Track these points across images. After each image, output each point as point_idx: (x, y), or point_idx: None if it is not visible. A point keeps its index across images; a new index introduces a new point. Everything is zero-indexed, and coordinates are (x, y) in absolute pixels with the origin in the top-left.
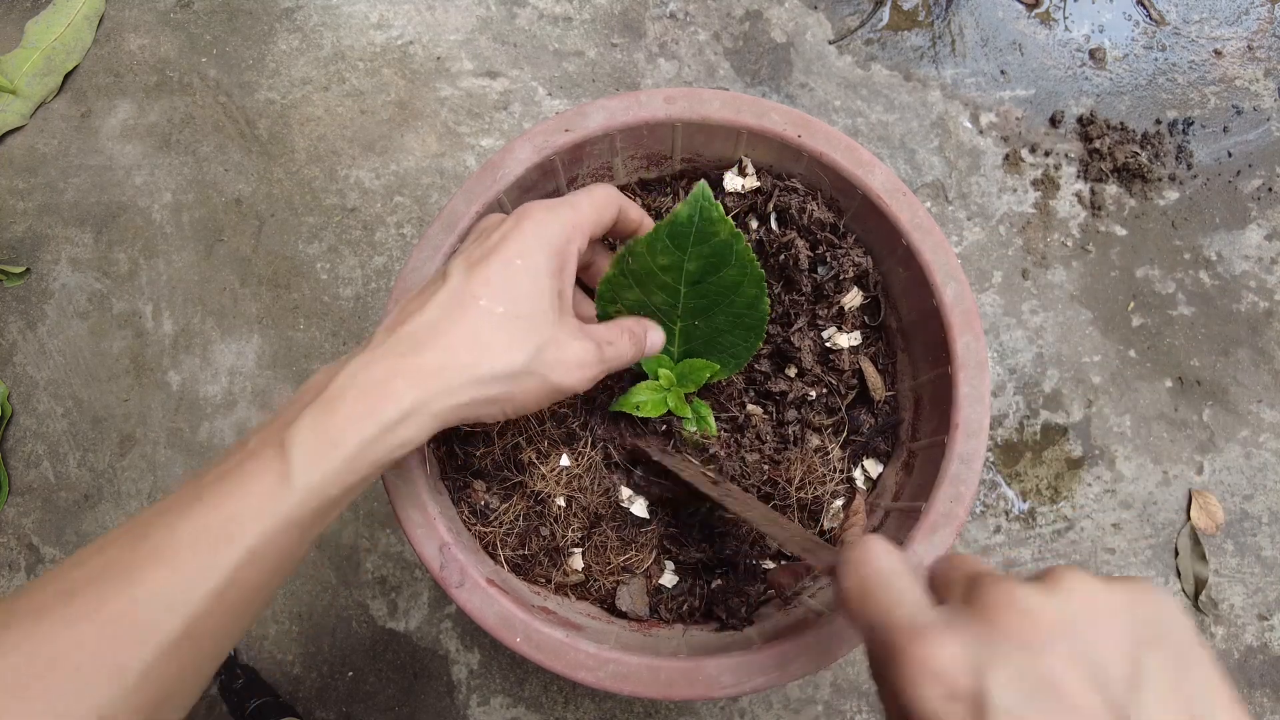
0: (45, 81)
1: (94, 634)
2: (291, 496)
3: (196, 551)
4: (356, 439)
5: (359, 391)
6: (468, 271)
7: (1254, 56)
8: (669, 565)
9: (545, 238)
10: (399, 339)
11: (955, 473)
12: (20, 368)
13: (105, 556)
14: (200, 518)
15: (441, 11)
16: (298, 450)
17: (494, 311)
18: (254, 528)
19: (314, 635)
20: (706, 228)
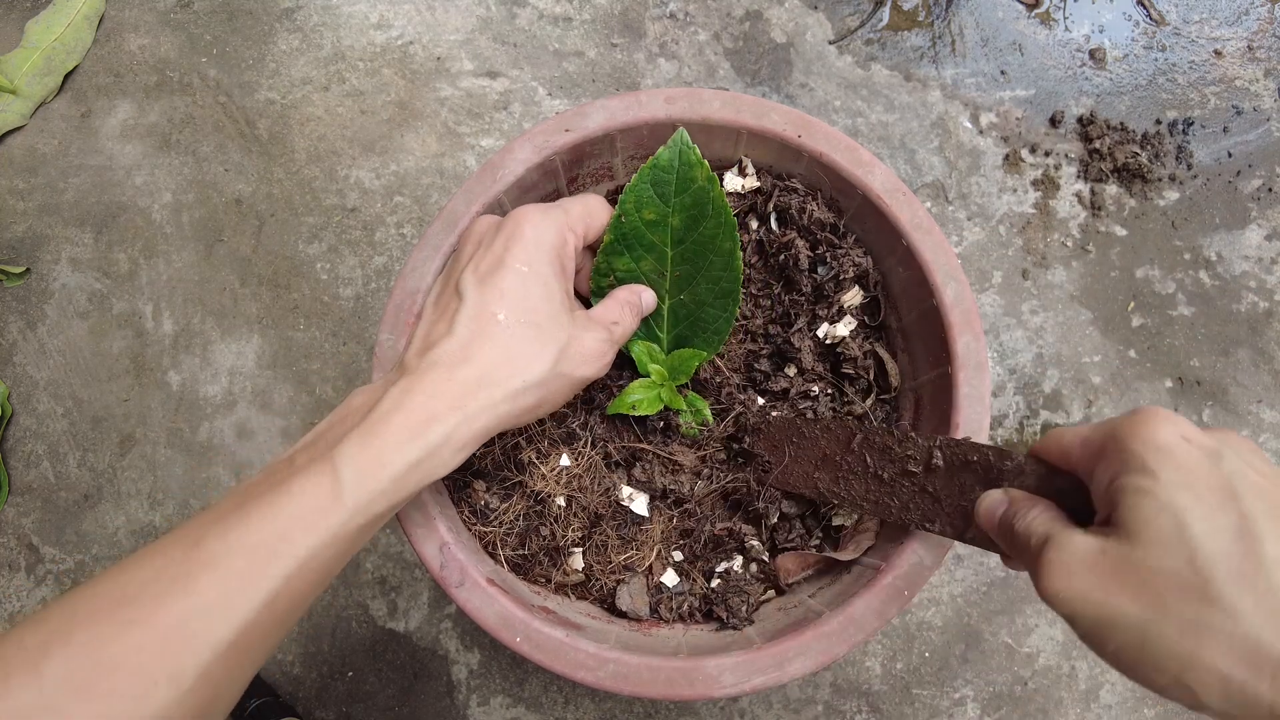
0: (45, 81)
1: (153, 639)
2: (341, 513)
3: (250, 562)
4: (403, 460)
5: (404, 415)
6: (480, 286)
7: (1254, 57)
8: (669, 564)
9: (545, 242)
10: (433, 363)
11: None
12: (20, 367)
13: (159, 563)
14: (253, 529)
15: (441, 11)
16: (347, 469)
17: (515, 323)
18: (304, 541)
19: (314, 635)
20: (686, 173)
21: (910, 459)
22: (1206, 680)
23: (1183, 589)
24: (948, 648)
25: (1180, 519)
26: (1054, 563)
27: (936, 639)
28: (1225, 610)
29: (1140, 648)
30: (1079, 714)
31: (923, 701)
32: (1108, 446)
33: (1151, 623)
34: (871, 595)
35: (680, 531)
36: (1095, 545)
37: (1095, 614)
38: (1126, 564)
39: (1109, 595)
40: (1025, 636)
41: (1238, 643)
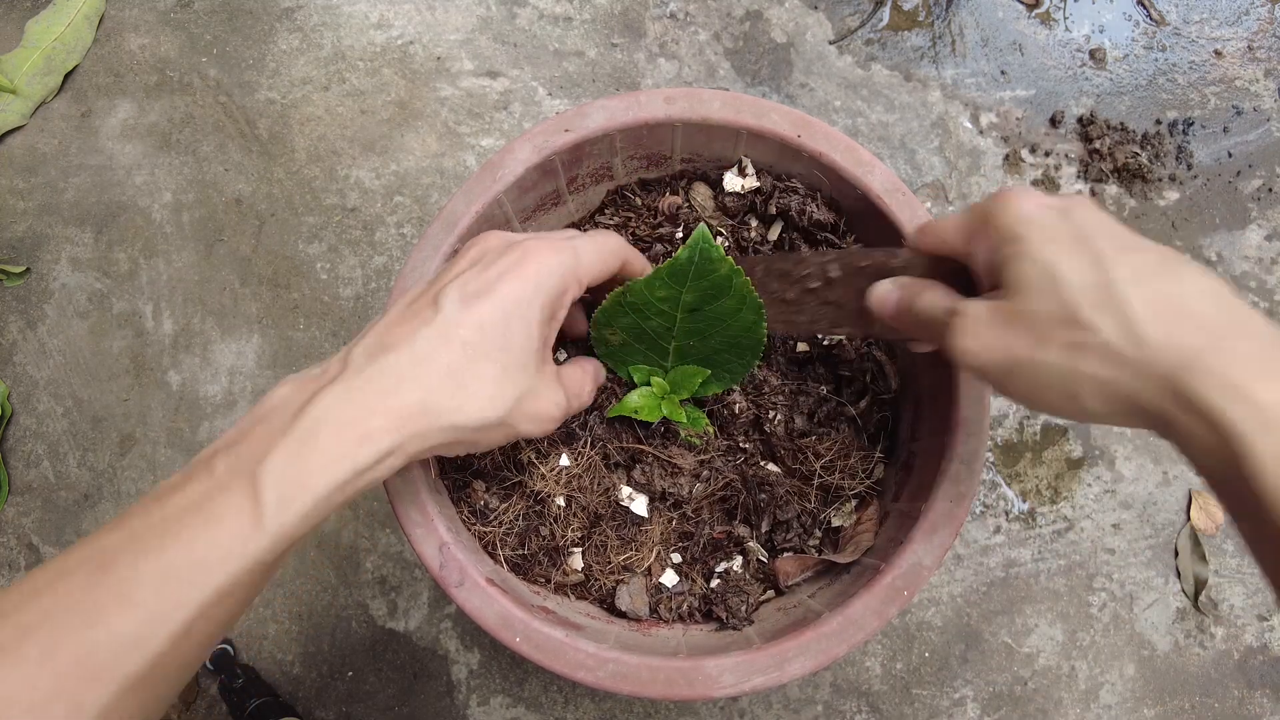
0: (45, 81)
1: (50, 675)
2: (262, 540)
3: (161, 593)
4: (329, 481)
5: (335, 428)
6: (462, 306)
7: (1254, 57)
8: (669, 565)
9: (545, 284)
10: (381, 370)
11: (955, 473)
12: (20, 367)
13: (62, 588)
14: (166, 556)
15: (442, 11)
16: (270, 491)
17: (482, 358)
18: (222, 569)
19: (314, 635)
20: (706, 266)
21: (809, 276)
22: (1086, 388)
23: (1059, 321)
24: (947, 648)
25: (1049, 268)
26: (961, 328)
27: (936, 639)
28: (1090, 328)
29: (1036, 377)
30: (1079, 714)
31: (922, 701)
32: (977, 224)
33: (1041, 354)
34: (871, 595)
35: (679, 534)
36: (990, 307)
37: (999, 360)
38: (1016, 315)
39: (1008, 345)
40: (1025, 636)
41: (1101, 351)
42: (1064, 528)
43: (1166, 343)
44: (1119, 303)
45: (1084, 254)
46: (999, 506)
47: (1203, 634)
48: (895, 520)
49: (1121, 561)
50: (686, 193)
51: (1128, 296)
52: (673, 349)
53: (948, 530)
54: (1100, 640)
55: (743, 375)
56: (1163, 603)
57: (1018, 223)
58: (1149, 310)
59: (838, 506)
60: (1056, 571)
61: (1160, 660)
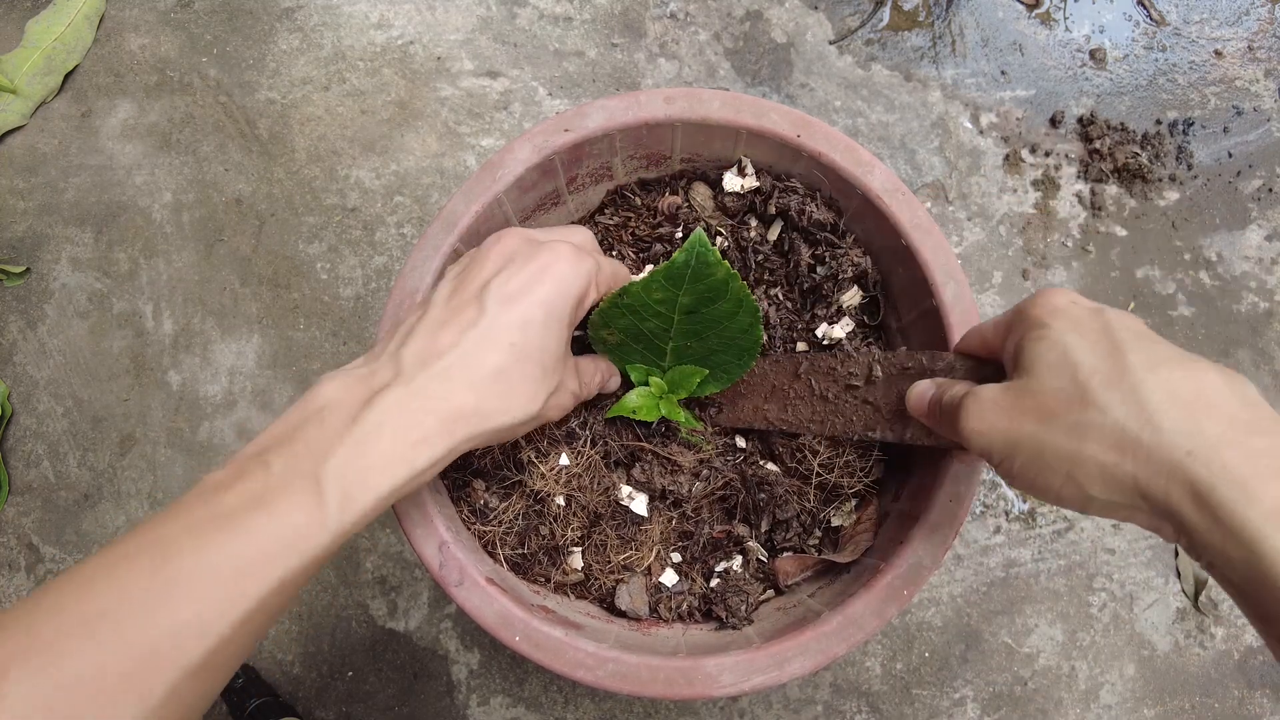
0: (46, 81)
1: (120, 660)
2: (325, 536)
3: (226, 584)
4: (390, 484)
5: (394, 431)
6: (505, 306)
7: (1254, 57)
8: (668, 564)
9: (573, 285)
10: (434, 376)
11: (955, 473)
12: (20, 367)
13: (125, 576)
14: (231, 548)
15: (442, 11)
16: (333, 491)
17: (526, 359)
18: (285, 562)
19: (314, 635)
20: (702, 270)
21: (852, 375)
22: (1089, 471)
23: (1068, 401)
24: (947, 648)
25: (1065, 350)
26: (969, 409)
27: (936, 639)
28: (1099, 409)
29: (1038, 457)
30: (1079, 714)
31: (923, 702)
32: (1014, 320)
33: (1046, 433)
34: (871, 595)
35: (679, 534)
36: (1002, 389)
37: (1004, 441)
38: (1026, 394)
39: (1013, 423)
40: (1025, 637)
41: (1109, 433)
42: (1064, 528)
43: (1181, 430)
44: (1133, 384)
45: (1103, 341)
46: (999, 506)
47: (1203, 634)
48: (895, 520)
49: (1122, 562)
50: (686, 193)
51: (1143, 380)
52: (670, 350)
53: (948, 530)
54: (1100, 640)
55: (739, 375)
56: (1163, 603)
57: (1046, 313)
58: (1164, 395)
59: (837, 506)
60: (1057, 572)
61: (1160, 660)
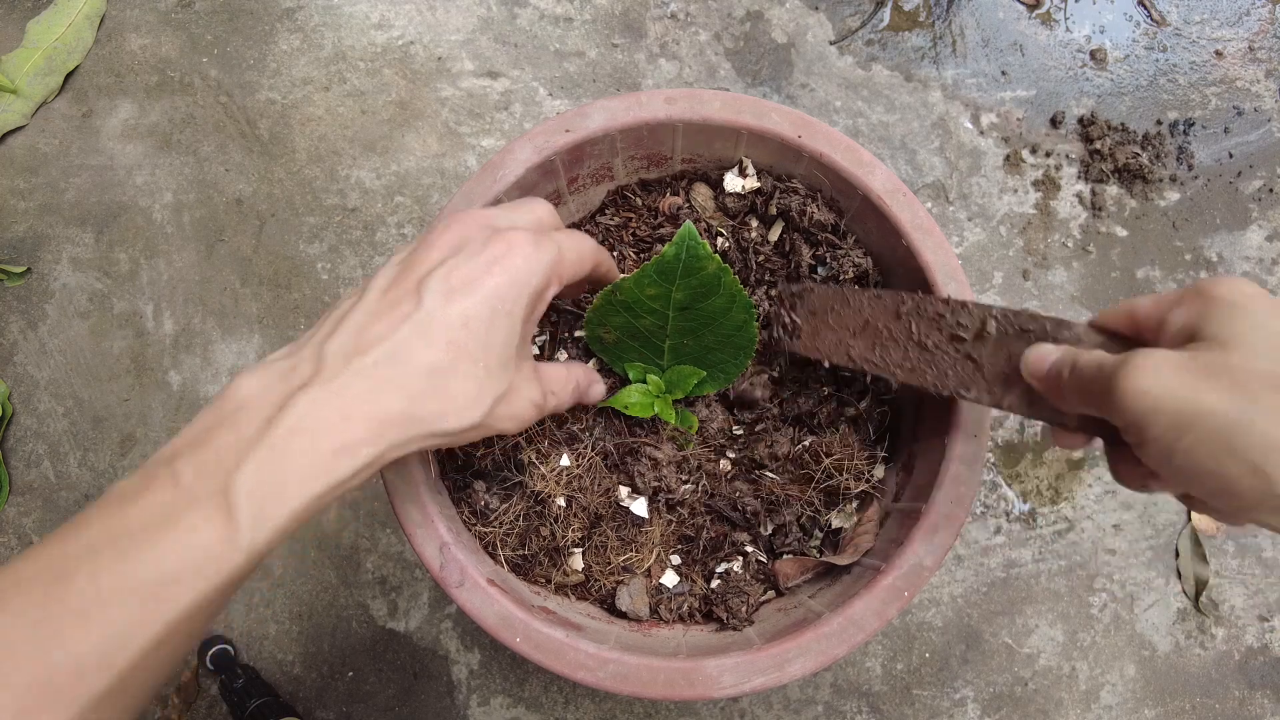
0: (46, 81)
1: (14, 699)
2: (236, 557)
3: (129, 612)
4: (306, 495)
5: (312, 439)
6: (446, 299)
7: (1255, 57)
8: (669, 566)
9: (528, 279)
10: (358, 373)
11: (956, 473)
12: (21, 367)
13: (17, 606)
14: (132, 572)
15: (442, 12)
16: (244, 506)
17: (465, 358)
18: (193, 586)
19: (314, 635)
20: (693, 264)
21: (961, 325)
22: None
23: (1277, 385)
24: (948, 648)
25: (1276, 330)
26: (1140, 366)
27: (937, 639)
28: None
29: (1223, 438)
30: (1079, 714)
31: (923, 702)
32: (1187, 297)
33: (1243, 413)
34: (871, 596)
35: (679, 535)
36: (1181, 354)
37: (1181, 408)
38: (1219, 366)
39: (1198, 391)
40: (1025, 637)
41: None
42: (1064, 528)
43: None
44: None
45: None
46: (999, 507)
47: (1203, 635)
48: (896, 521)
49: (1122, 562)
50: (687, 193)
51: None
52: (667, 347)
53: (948, 531)
54: (1101, 641)
55: (737, 374)
56: (1163, 603)
57: (1239, 295)
58: None
59: (839, 508)
60: (1057, 572)
61: (1161, 661)
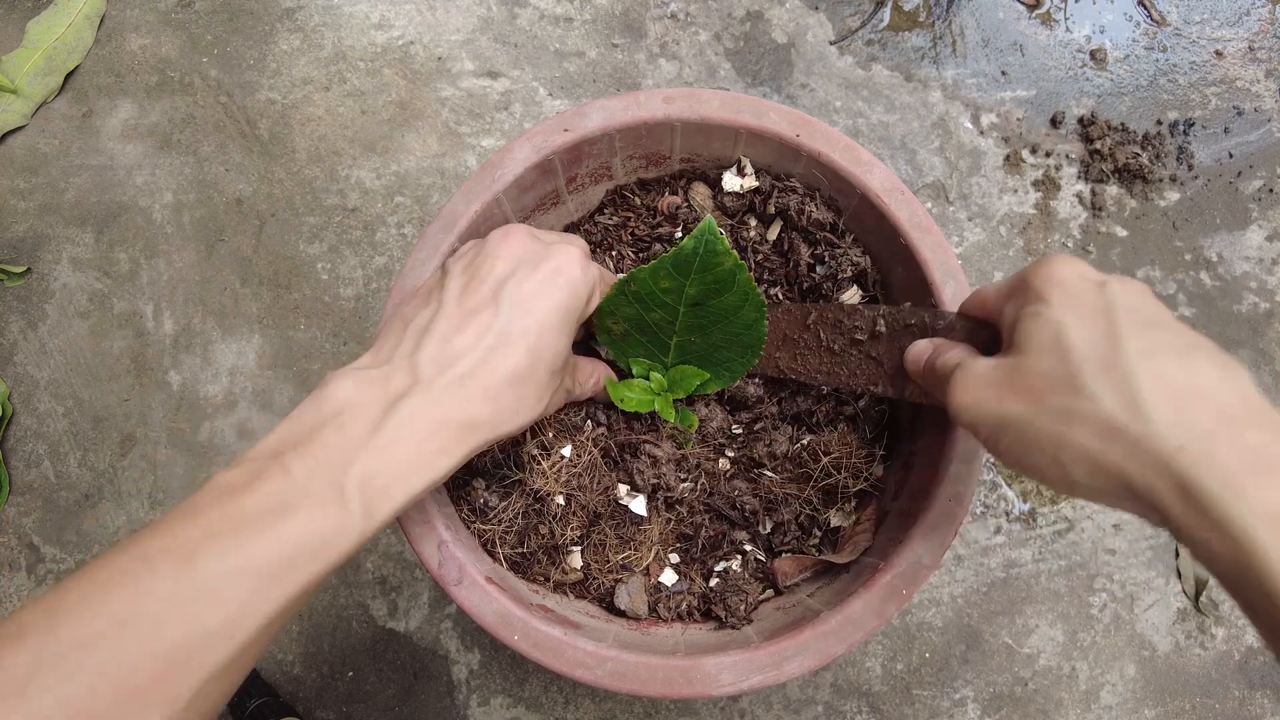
0: (46, 81)
1: (147, 666)
2: (347, 543)
3: (252, 590)
4: (409, 492)
5: (415, 440)
6: (521, 309)
7: (1255, 57)
8: (667, 564)
9: (583, 289)
10: (451, 381)
11: (955, 473)
12: (21, 367)
13: (148, 582)
14: (254, 552)
15: (442, 12)
16: (356, 498)
17: (537, 364)
18: (309, 568)
19: (314, 635)
20: (710, 259)
21: (857, 328)
22: (1074, 456)
23: (1057, 385)
24: (948, 648)
25: (1060, 331)
26: (959, 381)
27: (937, 639)
28: (1088, 397)
29: (1024, 438)
30: (1079, 714)
31: (923, 702)
32: (1015, 288)
33: (1034, 415)
34: (870, 594)
35: (678, 534)
36: (993, 363)
37: (991, 417)
38: (1016, 373)
39: (1002, 401)
40: (1025, 637)
41: (1098, 421)
42: (1064, 528)
43: (1171, 424)
44: (1125, 374)
45: (1100, 323)
46: (999, 507)
47: (1203, 635)
48: (895, 520)
49: (1122, 562)
50: (686, 192)
51: (1135, 369)
52: (674, 344)
53: (947, 530)
54: (1101, 641)
55: (742, 374)
56: (1163, 603)
57: (1047, 284)
58: (1156, 386)
59: (838, 506)
60: (1057, 572)
61: (1161, 661)
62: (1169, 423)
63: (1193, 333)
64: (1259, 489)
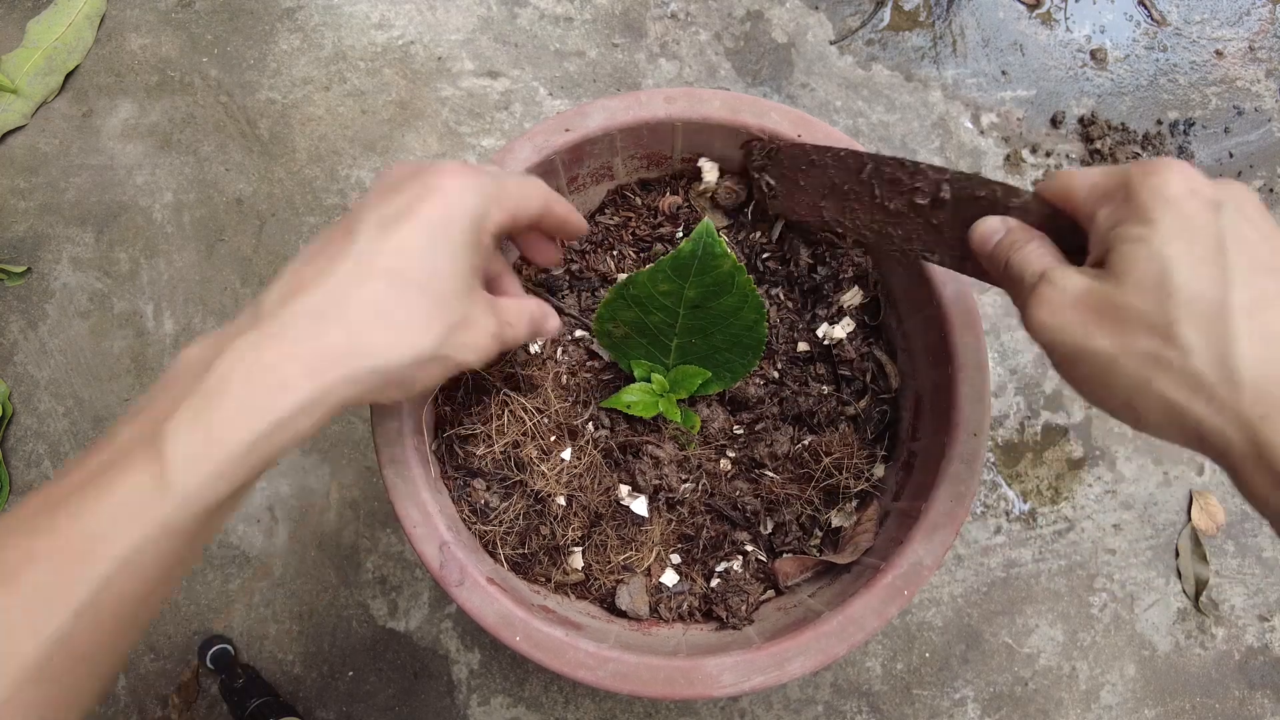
0: (47, 81)
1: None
2: (168, 503)
3: (55, 571)
4: (245, 436)
5: (247, 380)
6: (380, 231)
7: (1255, 57)
8: (669, 565)
9: (467, 204)
10: (295, 315)
11: (955, 473)
12: (21, 367)
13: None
14: (60, 532)
15: (443, 11)
16: (175, 449)
17: (409, 285)
18: (125, 538)
19: (315, 635)
20: (709, 261)
21: (918, 190)
22: (1153, 404)
23: (1151, 327)
24: (948, 648)
25: (1166, 267)
26: (1046, 298)
27: (937, 639)
28: (1181, 347)
29: (1105, 374)
30: (1079, 714)
31: (923, 702)
32: (1116, 192)
33: (1120, 353)
34: (871, 595)
35: (679, 534)
36: (1084, 285)
37: (1073, 346)
38: (1109, 303)
39: (1089, 332)
40: (1025, 637)
41: (1186, 375)
42: (1065, 528)
43: (1261, 387)
44: (1224, 329)
45: (1211, 264)
46: (1000, 507)
47: (1203, 634)
48: (895, 520)
49: (1122, 562)
50: (687, 192)
51: (1237, 326)
52: (674, 346)
53: (948, 530)
54: (1101, 641)
55: (743, 375)
56: (1163, 603)
57: (1155, 200)
58: (1255, 347)
59: (839, 507)
60: (1057, 572)
61: (1161, 661)
62: (1259, 389)
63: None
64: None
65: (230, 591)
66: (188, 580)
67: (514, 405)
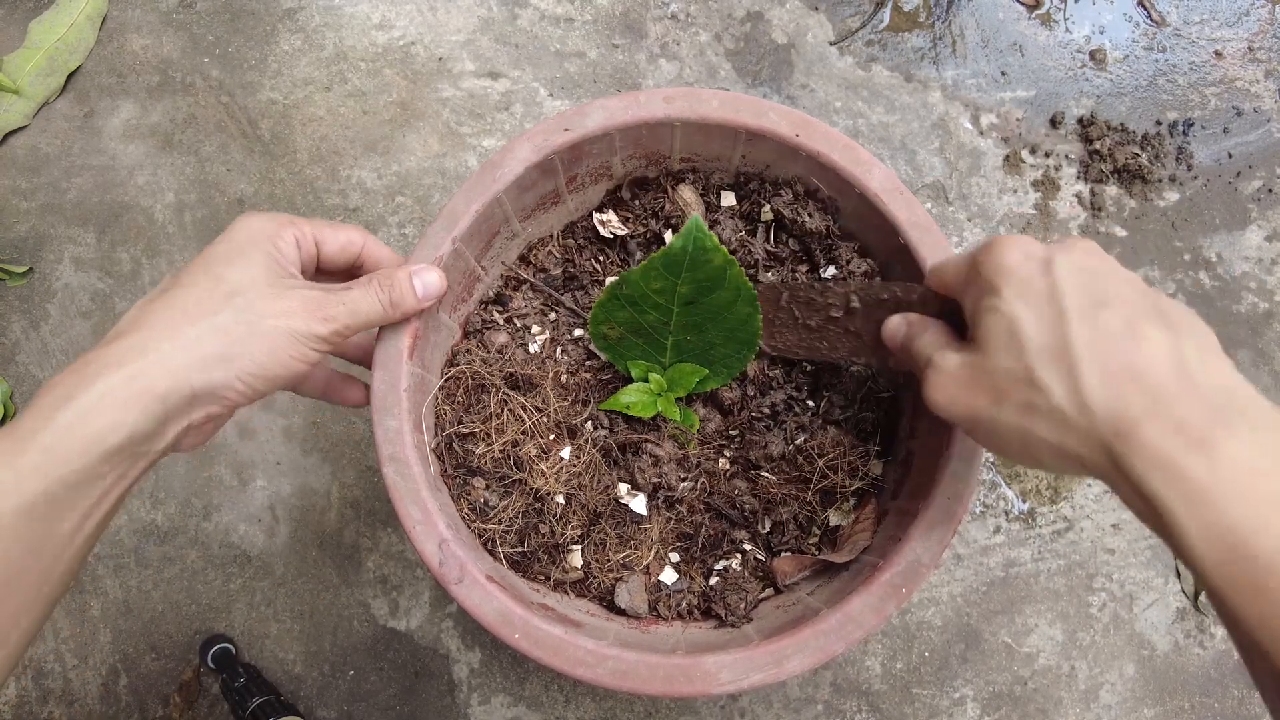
0: (48, 82)
1: None
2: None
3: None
4: (49, 426)
5: (49, 386)
6: (174, 272)
7: (1254, 58)
8: (667, 563)
9: (253, 227)
10: (101, 341)
11: (954, 471)
12: (23, 367)
13: None
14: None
15: (443, 12)
16: (21, 428)
17: (192, 284)
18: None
19: (315, 634)
20: (700, 256)
21: (831, 305)
22: (1039, 446)
23: (1016, 381)
24: (947, 647)
25: (1014, 327)
26: (933, 380)
27: (936, 639)
28: (1043, 390)
29: (994, 431)
30: (1079, 714)
31: (923, 701)
32: (971, 274)
33: (999, 412)
34: (869, 593)
35: (678, 533)
36: (960, 360)
37: (965, 414)
38: (981, 371)
39: (972, 399)
40: (1025, 636)
41: (1052, 414)
42: (1064, 528)
43: (1108, 409)
44: (1071, 366)
45: (1049, 312)
46: (999, 506)
47: (1202, 634)
48: (894, 518)
49: (1121, 561)
50: (675, 190)
51: (1080, 360)
52: (670, 344)
53: (946, 528)
54: (1100, 640)
55: (739, 369)
56: (1162, 603)
57: (996, 273)
58: (1098, 375)
59: (836, 505)
60: (1056, 571)
61: (1160, 660)
62: (1106, 411)
63: (1142, 295)
64: (1179, 467)
65: (231, 591)
66: (189, 579)
67: (513, 404)
